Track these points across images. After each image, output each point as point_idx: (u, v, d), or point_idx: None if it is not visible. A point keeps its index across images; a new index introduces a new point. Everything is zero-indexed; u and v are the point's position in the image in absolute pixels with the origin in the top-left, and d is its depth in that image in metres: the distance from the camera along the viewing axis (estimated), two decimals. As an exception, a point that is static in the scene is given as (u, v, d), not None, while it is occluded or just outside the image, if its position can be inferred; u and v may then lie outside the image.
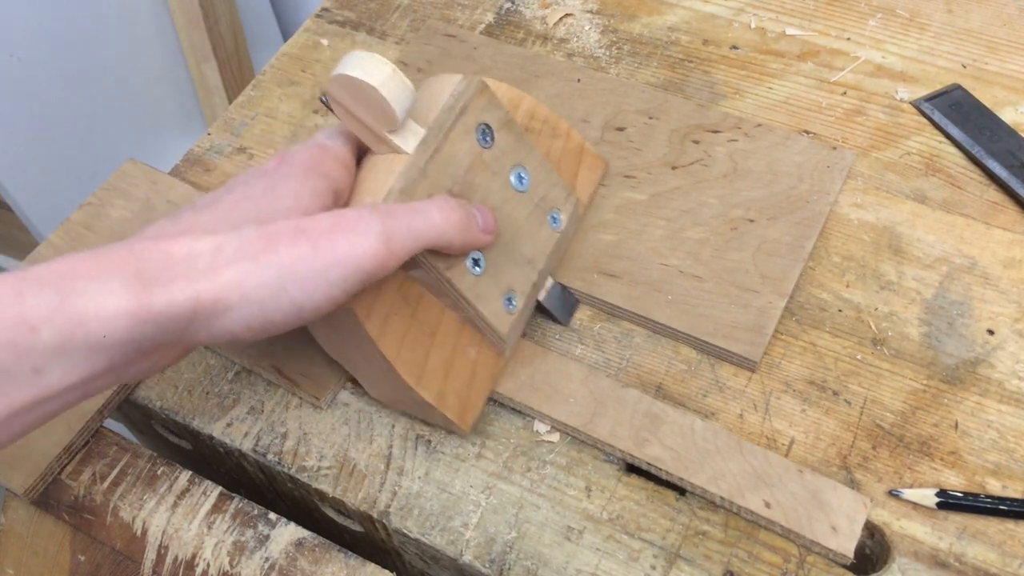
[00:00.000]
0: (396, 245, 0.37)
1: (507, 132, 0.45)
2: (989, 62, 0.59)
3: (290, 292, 0.35)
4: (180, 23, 1.11)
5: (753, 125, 0.55)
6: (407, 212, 0.38)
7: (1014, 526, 0.42)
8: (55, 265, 0.33)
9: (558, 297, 0.49)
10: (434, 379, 0.43)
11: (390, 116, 0.40)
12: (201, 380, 0.49)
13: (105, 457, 0.47)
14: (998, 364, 0.47)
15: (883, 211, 0.53)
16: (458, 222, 0.40)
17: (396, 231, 0.37)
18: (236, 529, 0.45)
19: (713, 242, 0.50)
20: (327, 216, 0.37)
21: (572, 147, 0.52)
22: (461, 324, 0.45)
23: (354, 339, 0.42)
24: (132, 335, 0.33)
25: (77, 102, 1.04)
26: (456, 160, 0.42)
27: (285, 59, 0.64)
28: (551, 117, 0.51)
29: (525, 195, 0.46)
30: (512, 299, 0.45)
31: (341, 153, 0.42)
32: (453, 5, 0.66)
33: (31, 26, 0.95)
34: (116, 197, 0.56)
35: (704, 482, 0.43)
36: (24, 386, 0.32)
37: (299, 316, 0.36)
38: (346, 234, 0.36)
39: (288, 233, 0.36)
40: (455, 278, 0.42)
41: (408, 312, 0.42)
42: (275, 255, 0.35)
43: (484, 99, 0.44)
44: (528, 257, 0.46)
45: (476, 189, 0.43)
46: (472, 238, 0.41)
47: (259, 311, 0.35)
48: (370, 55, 0.39)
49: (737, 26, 0.63)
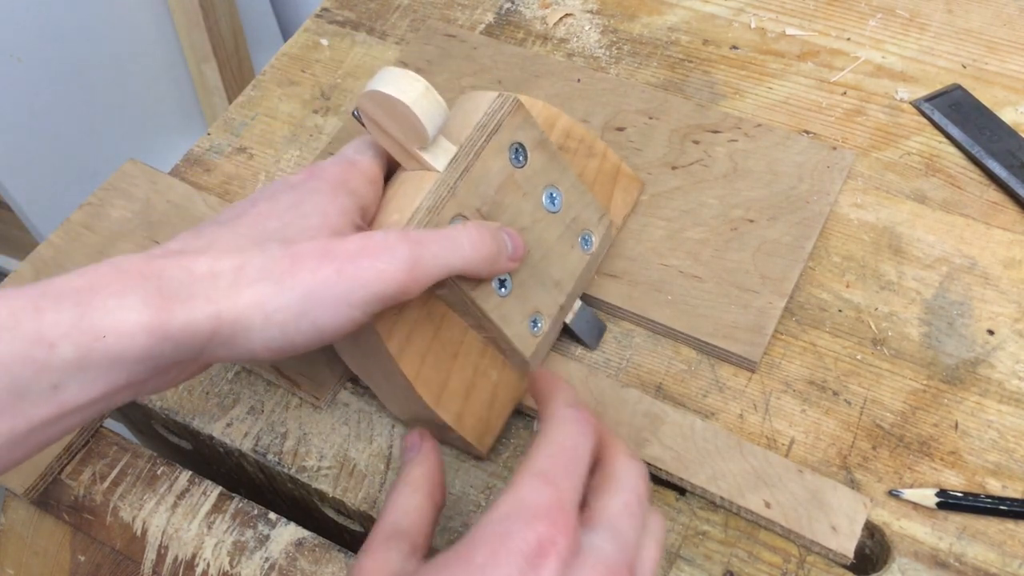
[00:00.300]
0: (421, 273, 0.36)
1: (541, 152, 0.44)
2: (989, 62, 0.59)
3: (312, 315, 0.35)
4: (180, 23, 1.11)
5: (753, 125, 0.55)
6: (436, 240, 0.37)
7: (1014, 526, 0.42)
8: (74, 279, 0.33)
9: (586, 321, 0.48)
10: (454, 400, 0.43)
11: (421, 133, 0.39)
12: (201, 380, 0.49)
13: (105, 457, 0.47)
14: (998, 364, 0.47)
15: (883, 211, 0.53)
16: (488, 255, 0.39)
17: (423, 259, 0.36)
18: (236, 529, 0.45)
19: (713, 242, 0.50)
20: (355, 239, 0.36)
21: (608, 167, 0.51)
22: (484, 345, 0.44)
23: (375, 356, 0.42)
24: (151, 352, 0.33)
25: (77, 102, 1.04)
26: (487, 179, 0.42)
27: (285, 59, 0.64)
28: (587, 136, 0.50)
29: (557, 216, 0.45)
30: (538, 321, 0.44)
31: (370, 169, 0.41)
32: (453, 5, 0.66)
33: (31, 26, 0.95)
34: (116, 197, 0.56)
35: (704, 482, 0.43)
36: (42, 403, 0.31)
37: (320, 338, 0.36)
38: (372, 259, 0.35)
39: (314, 255, 0.35)
40: (480, 298, 0.42)
41: (431, 331, 0.42)
42: (299, 278, 0.34)
43: (519, 118, 0.43)
44: (556, 279, 0.45)
45: (506, 209, 0.43)
46: (500, 268, 0.41)
47: (280, 333, 0.35)
48: (403, 71, 0.39)
49: (737, 26, 0.63)
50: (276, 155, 0.59)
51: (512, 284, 0.43)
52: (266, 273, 0.35)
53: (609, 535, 0.32)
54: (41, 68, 0.98)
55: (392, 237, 0.36)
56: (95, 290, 0.33)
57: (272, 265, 0.35)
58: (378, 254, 0.35)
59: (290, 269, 0.35)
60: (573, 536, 0.31)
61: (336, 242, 0.36)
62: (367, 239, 0.36)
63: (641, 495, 0.35)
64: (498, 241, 0.40)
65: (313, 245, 0.36)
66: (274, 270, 0.35)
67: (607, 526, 0.33)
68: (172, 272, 0.34)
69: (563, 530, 0.31)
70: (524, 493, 0.32)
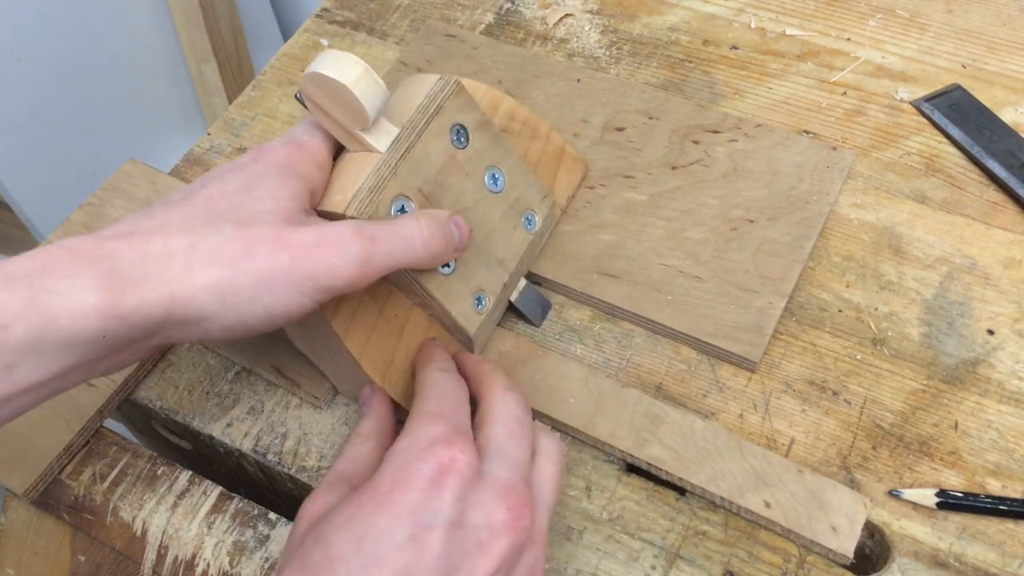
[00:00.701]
0: (371, 269, 0.37)
1: (482, 133, 0.45)
2: (989, 62, 0.59)
3: (265, 301, 0.35)
4: (180, 23, 1.11)
5: (753, 125, 0.55)
6: (390, 239, 0.38)
7: (1014, 526, 0.42)
8: (27, 261, 0.33)
9: (531, 299, 0.49)
10: (400, 376, 0.44)
11: (362, 115, 0.40)
12: (201, 380, 0.49)
13: (105, 457, 0.47)
14: (998, 364, 0.47)
15: (883, 211, 0.53)
16: (437, 252, 0.40)
17: (375, 256, 0.37)
18: (236, 529, 0.45)
19: (713, 242, 0.50)
20: (311, 231, 0.37)
21: (552, 149, 0.52)
22: (429, 323, 0.45)
23: (321, 335, 0.42)
24: (103, 333, 0.33)
25: (77, 102, 1.04)
26: (429, 160, 0.43)
27: (285, 59, 0.64)
28: (531, 119, 0.51)
29: (499, 196, 0.46)
30: (482, 299, 0.46)
31: (318, 152, 0.42)
32: (453, 5, 0.66)
33: (31, 26, 0.95)
34: (116, 197, 0.56)
35: (704, 482, 0.43)
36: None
37: (272, 323, 0.36)
38: (326, 253, 0.36)
39: (268, 241, 0.36)
40: (424, 278, 0.43)
41: (376, 309, 0.43)
42: (253, 263, 0.35)
43: (460, 100, 0.44)
44: (500, 258, 0.46)
45: (448, 189, 0.43)
46: (445, 259, 0.41)
47: (234, 315, 0.35)
48: (344, 54, 0.39)
49: (737, 26, 0.63)
50: (276, 155, 0.59)
51: (456, 263, 0.44)
52: (219, 255, 0.35)
53: (498, 458, 0.36)
54: (41, 68, 0.98)
55: (347, 232, 0.37)
56: (47, 272, 0.33)
57: (225, 246, 0.35)
58: (332, 248, 0.36)
59: (244, 254, 0.35)
60: (471, 455, 0.34)
61: (291, 231, 0.36)
62: (323, 231, 0.36)
63: (521, 419, 0.38)
64: (447, 237, 0.41)
65: (267, 231, 0.36)
66: (227, 252, 0.35)
67: (494, 451, 0.36)
68: (124, 253, 0.34)
69: (462, 450, 0.34)
70: (419, 429, 0.35)
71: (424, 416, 0.37)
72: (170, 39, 1.13)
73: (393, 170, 0.41)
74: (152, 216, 0.37)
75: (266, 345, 0.49)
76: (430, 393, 0.39)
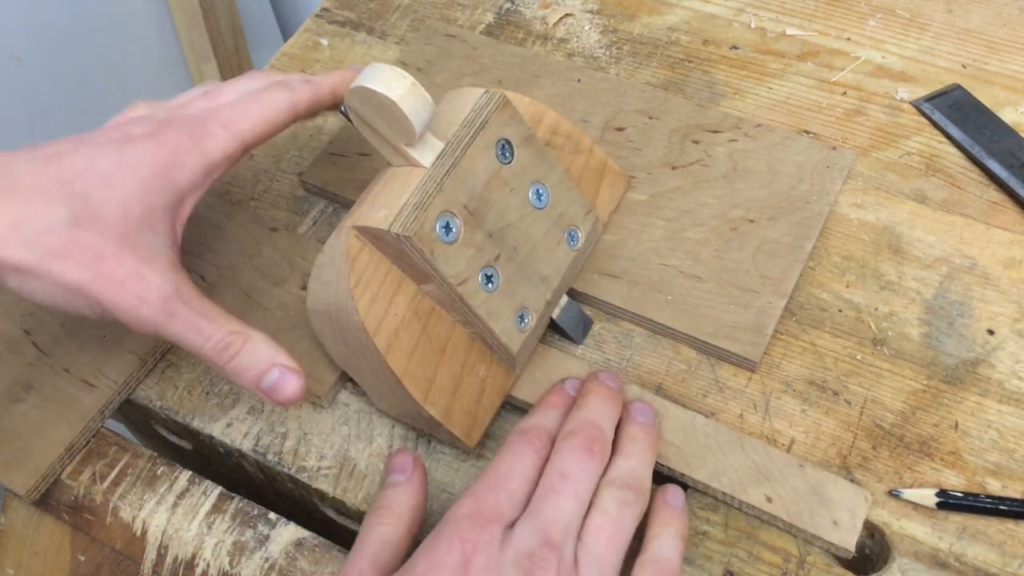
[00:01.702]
0: (158, 333, 0.39)
1: (527, 148, 0.44)
2: (989, 62, 0.59)
3: (57, 297, 0.38)
4: (180, 23, 1.11)
5: (753, 125, 0.55)
6: (184, 324, 0.39)
7: (1014, 526, 0.42)
8: None
9: (572, 315, 0.48)
10: (442, 395, 0.43)
11: (408, 130, 0.39)
12: (201, 380, 0.49)
13: (105, 457, 0.47)
14: (998, 364, 0.47)
15: (883, 211, 0.53)
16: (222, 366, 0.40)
17: (161, 327, 0.39)
18: (236, 529, 0.45)
19: (713, 242, 0.50)
20: (127, 266, 0.38)
21: (594, 163, 0.51)
22: (471, 340, 0.44)
23: (363, 351, 0.42)
24: None
25: (77, 102, 1.04)
26: (474, 175, 0.42)
27: (285, 59, 0.64)
28: (574, 132, 0.50)
29: (543, 212, 0.45)
30: (525, 317, 0.44)
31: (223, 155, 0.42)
32: (453, 5, 0.66)
33: (31, 26, 0.95)
34: (116, 197, 0.56)
35: (706, 477, 0.43)
36: None
37: (66, 312, 0.39)
38: (124, 295, 0.38)
39: (86, 253, 0.37)
40: (467, 294, 0.42)
41: (418, 327, 0.42)
42: (60, 266, 0.37)
43: (505, 114, 0.43)
44: (543, 275, 0.45)
45: (493, 205, 0.43)
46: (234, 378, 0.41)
47: (29, 294, 0.38)
48: (390, 67, 0.39)
49: (737, 26, 0.63)
50: (276, 155, 0.59)
51: (499, 280, 0.43)
52: (37, 242, 0.36)
53: (526, 520, 0.36)
54: (41, 68, 0.98)
55: (154, 292, 0.38)
56: None
57: (48, 236, 0.36)
58: (131, 296, 0.38)
59: (57, 252, 0.37)
60: (491, 534, 0.35)
61: (112, 255, 0.37)
62: (136, 274, 0.38)
63: (565, 472, 0.37)
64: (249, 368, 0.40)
65: (92, 241, 0.37)
66: (45, 243, 0.36)
67: (529, 511, 0.37)
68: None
69: (483, 530, 0.35)
70: (453, 508, 0.37)
71: (464, 498, 0.38)
72: (170, 39, 1.13)
73: (439, 186, 0.40)
74: (12, 164, 0.38)
75: (266, 345, 0.49)
76: (486, 470, 0.39)
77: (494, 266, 0.43)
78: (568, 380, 0.45)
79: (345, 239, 0.41)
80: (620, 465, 0.39)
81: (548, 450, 0.39)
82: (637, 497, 0.38)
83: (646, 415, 0.42)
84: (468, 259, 0.42)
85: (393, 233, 0.39)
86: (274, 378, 0.39)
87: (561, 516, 0.36)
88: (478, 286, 0.42)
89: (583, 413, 0.41)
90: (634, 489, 0.38)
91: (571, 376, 0.45)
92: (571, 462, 0.38)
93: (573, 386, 0.44)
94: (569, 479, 0.37)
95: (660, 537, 0.38)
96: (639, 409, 0.43)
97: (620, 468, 0.39)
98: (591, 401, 0.41)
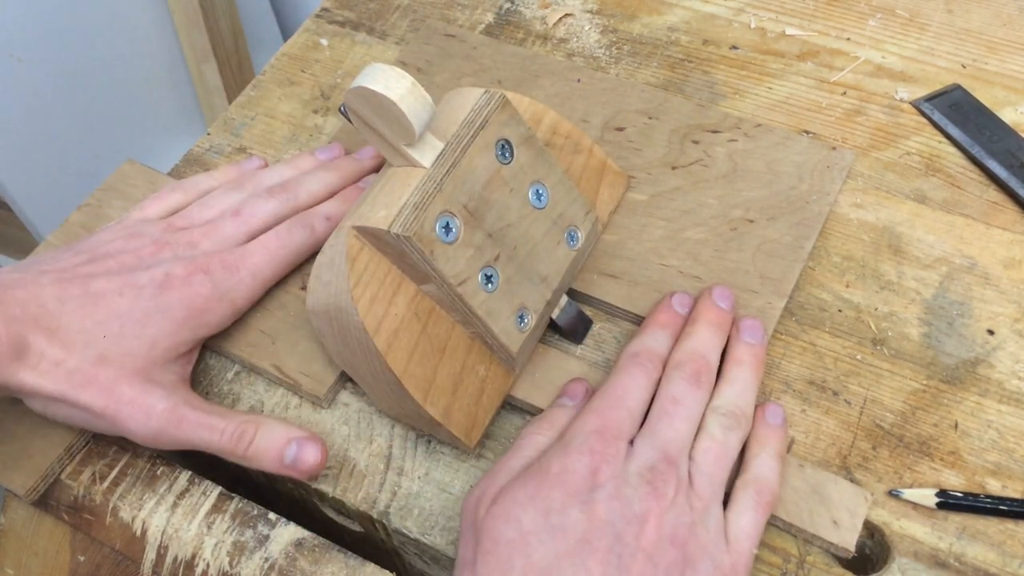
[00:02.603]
0: (164, 443, 0.44)
1: (527, 148, 0.44)
2: (989, 62, 0.59)
3: (70, 417, 0.43)
4: (180, 23, 1.11)
5: (753, 125, 0.55)
6: (196, 428, 0.43)
7: (1014, 526, 0.42)
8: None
9: (572, 316, 0.48)
10: (442, 395, 0.43)
11: (408, 130, 0.39)
12: (201, 380, 0.49)
13: (105, 457, 0.47)
14: (998, 364, 0.47)
15: (883, 211, 0.53)
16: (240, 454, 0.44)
17: (169, 435, 0.43)
18: (236, 529, 0.45)
19: (713, 242, 0.50)
20: (134, 388, 0.43)
21: (594, 163, 0.51)
22: (471, 341, 0.44)
23: (362, 352, 0.42)
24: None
25: (77, 102, 1.04)
26: (474, 176, 0.42)
27: (285, 59, 0.64)
28: (574, 132, 0.50)
29: (543, 212, 0.45)
30: (524, 317, 0.44)
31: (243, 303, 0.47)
32: (453, 5, 0.66)
33: (31, 26, 0.95)
34: (114, 198, 0.56)
35: (704, 482, 0.43)
36: None
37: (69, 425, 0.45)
38: (131, 412, 0.43)
39: (104, 386, 0.42)
40: (467, 294, 0.42)
41: (418, 327, 0.42)
42: (75, 395, 0.42)
43: (505, 114, 0.43)
44: (543, 275, 0.45)
45: (493, 205, 0.43)
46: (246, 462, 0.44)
47: (42, 410, 0.44)
48: (390, 67, 0.39)
49: (737, 26, 0.63)
50: (276, 155, 0.59)
51: (499, 280, 0.43)
52: (69, 378, 0.42)
53: (644, 437, 0.40)
54: (41, 68, 0.98)
55: (159, 407, 0.43)
56: None
57: (78, 375, 0.42)
58: (137, 414, 0.43)
59: (83, 386, 0.42)
60: (616, 448, 0.39)
61: (126, 381, 0.43)
62: (143, 393, 0.43)
63: (677, 397, 0.41)
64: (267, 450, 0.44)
65: (111, 376, 0.43)
66: (76, 379, 0.42)
67: (645, 430, 0.40)
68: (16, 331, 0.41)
69: (609, 444, 0.39)
70: (579, 422, 0.41)
71: (586, 412, 0.41)
72: (170, 39, 1.13)
73: (438, 186, 0.40)
74: (63, 307, 0.43)
75: (267, 344, 0.49)
76: (603, 389, 0.42)
77: (494, 266, 0.43)
78: (676, 295, 0.47)
79: (345, 239, 0.41)
80: (724, 392, 0.42)
81: (658, 372, 0.43)
82: (740, 422, 0.42)
83: (755, 335, 0.45)
84: (468, 259, 0.42)
85: (393, 233, 0.39)
86: (293, 452, 0.43)
87: (676, 436, 0.40)
88: (478, 286, 0.42)
89: (691, 343, 0.44)
90: (737, 416, 0.42)
91: (679, 291, 0.47)
92: (681, 389, 0.42)
93: (680, 302, 0.46)
94: (680, 404, 0.41)
95: (759, 456, 0.41)
96: (748, 328, 0.45)
97: (724, 396, 0.42)
98: (700, 329, 0.44)
